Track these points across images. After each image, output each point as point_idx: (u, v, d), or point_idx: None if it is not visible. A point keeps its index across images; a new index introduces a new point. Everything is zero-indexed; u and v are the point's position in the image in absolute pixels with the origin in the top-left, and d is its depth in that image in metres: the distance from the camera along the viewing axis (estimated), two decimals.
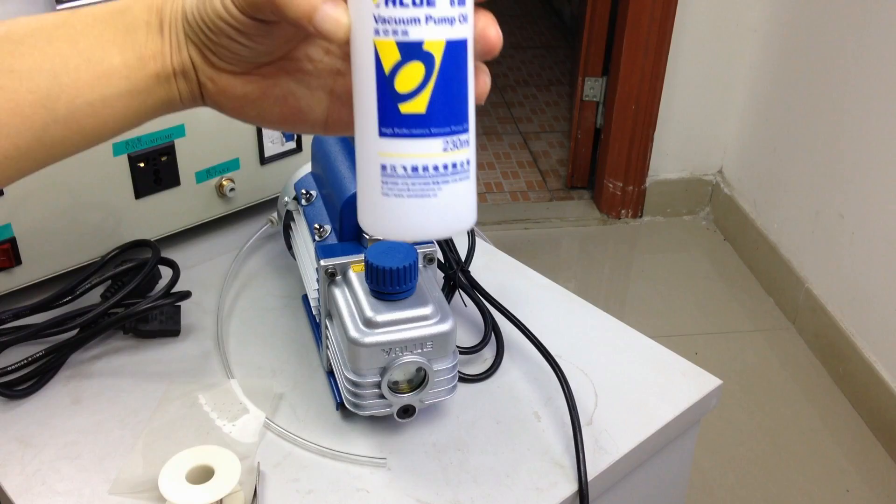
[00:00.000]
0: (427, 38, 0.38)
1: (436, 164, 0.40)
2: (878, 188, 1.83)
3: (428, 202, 0.40)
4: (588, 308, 0.85)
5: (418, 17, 0.38)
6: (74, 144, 0.46)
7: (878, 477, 1.75)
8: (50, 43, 0.45)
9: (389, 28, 0.38)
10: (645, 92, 2.33)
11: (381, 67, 0.39)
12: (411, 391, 0.67)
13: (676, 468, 0.81)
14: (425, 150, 0.39)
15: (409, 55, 0.38)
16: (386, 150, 0.40)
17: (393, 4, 0.38)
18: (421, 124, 0.39)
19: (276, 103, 0.48)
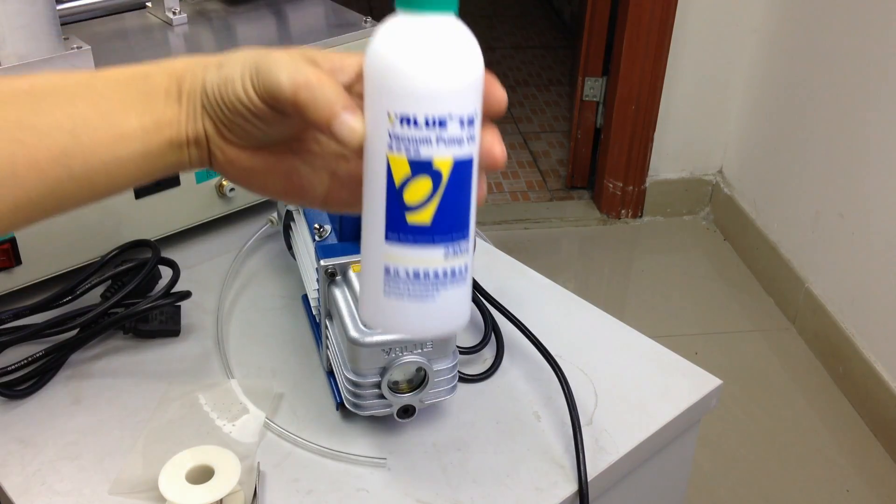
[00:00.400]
0: (436, 157, 0.41)
1: (436, 271, 0.43)
2: (878, 188, 1.83)
3: (427, 305, 0.43)
4: (588, 308, 0.85)
5: (430, 137, 0.41)
6: (84, 199, 0.48)
7: (878, 477, 1.75)
8: (72, 102, 0.46)
9: (402, 145, 0.41)
10: (645, 92, 2.33)
11: (392, 179, 0.42)
12: (411, 391, 0.67)
13: (676, 468, 0.81)
14: (427, 257, 0.42)
15: (419, 171, 0.41)
16: (390, 254, 0.42)
17: (407, 125, 0.41)
18: (425, 234, 0.42)
19: (281, 178, 0.49)
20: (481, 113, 0.43)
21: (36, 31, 0.80)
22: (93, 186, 0.47)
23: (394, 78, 0.41)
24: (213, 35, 0.94)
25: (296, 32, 0.95)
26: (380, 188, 0.42)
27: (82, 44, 0.83)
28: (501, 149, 0.45)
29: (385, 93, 0.41)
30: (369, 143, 0.42)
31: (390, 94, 0.41)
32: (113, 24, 0.95)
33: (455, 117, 0.41)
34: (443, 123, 0.41)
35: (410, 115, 0.41)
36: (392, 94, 0.41)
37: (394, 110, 0.41)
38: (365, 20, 0.96)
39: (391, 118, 0.41)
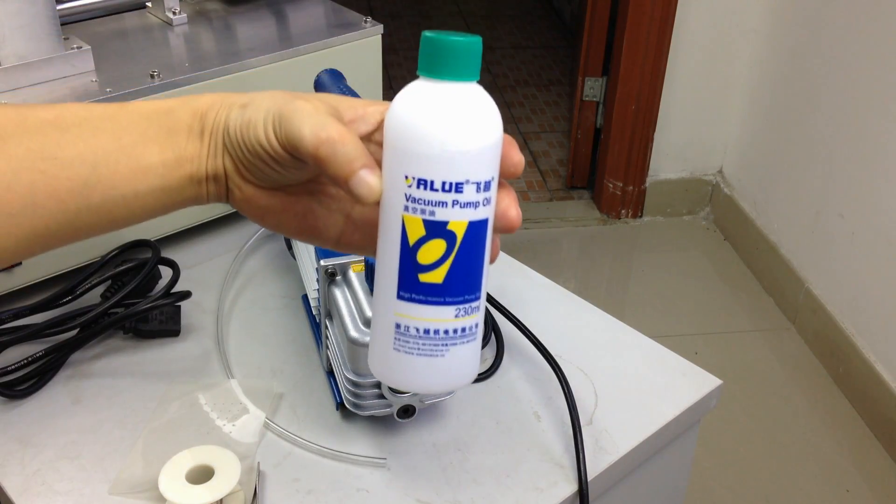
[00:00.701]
0: (451, 220, 0.42)
1: (447, 329, 0.43)
2: (878, 188, 1.83)
3: (436, 361, 0.44)
4: (588, 308, 0.85)
5: (446, 201, 0.42)
6: (101, 229, 0.48)
7: (878, 477, 1.75)
8: (95, 135, 0.47)
9: (418, 207, 0.42)
10: (645, 92, 2.33)
11: (406, 239, 0.42)
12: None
13: (676, 468, 0.81)
14: (438, 315, 0.43)
15: (434, 233, 0.42)
16: (402, 311, 0.43)
17: (424, 188, 0.41)
18: (437, 293, 0.43)
19: (296, 218, 0.50)
20: (498, 176, 0.44)
21: (36, 31, 0.80)
22: (112, 218, 0.48)
23: (413, 141, 0.42)
24: (213, 35, 0.94)
25: (296, 32, 0.95)
26: (394, 246, 0.43)
27: (82, 44, 0.83)
28: (517, 212, 0.46)
29: (403, 155, 0.42)
30: (386, 202, 0.43)
31: (408, 156, 0.42)
32: (113, 24, 0.96)
33: (472, 182, 0.42)
34: (459, 188, 0.42)
35: (427, 178, 0.42)
36: (410, 156, 0.42)
37: (411, 173, 0.42)
38: (365, 20, 0.96)
39: (409, 180, 0.42)
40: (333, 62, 0.88)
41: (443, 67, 0.42)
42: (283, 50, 0.89)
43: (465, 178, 0.42)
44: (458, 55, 0.42)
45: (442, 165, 0.41)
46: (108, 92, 0.80)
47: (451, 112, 0.42)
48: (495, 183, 0.43)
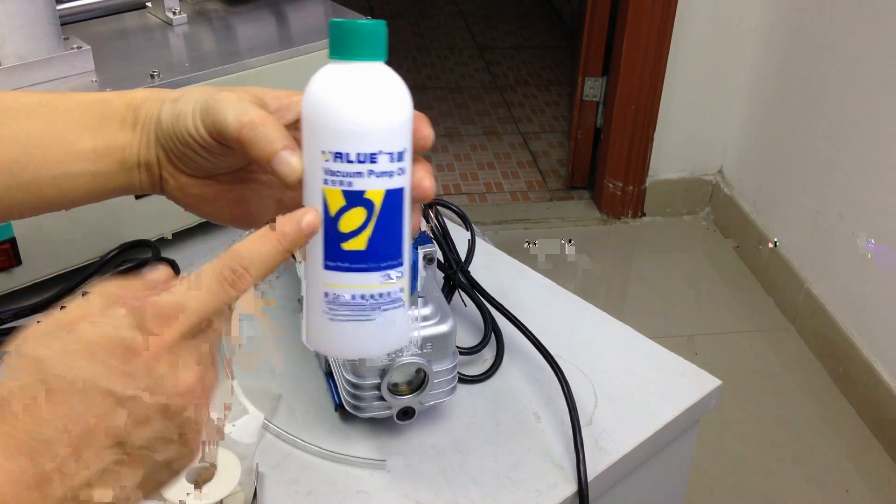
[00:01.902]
0: (369, 189, 0.45)
1: (373, 294, 0.46)
2: (878, 188, 1.83)
3: (366, 326, 0.46)
4: (588, 308, 0.85)
5: (362, 171, 0.45)
6: (33, 208, 0.51)
7: (878, 477, 1.75)
8: (29, 118, 0.50)
9: (336, 179, 0.45)
10: (645, 92, 2.33)
11: (328, 210, 0.45)
12: (411, 393, 0.67)
13: (676, 468, 0.81)
14: (365, 282, 0.46)
15: (353, 202, 0.45)
16: (330, 281, 0.46)
17: (340, 160, 0.44)
18: (361, 260, 0.45)
19: (229, 205, 0.52)
20: (411, 149, 0.46)
21: (36, 31, 0.80)
22: (41, 197, 0.50)
23: (327, 118, 0.45)
24: (213, 35, 0.94)
25: (296, 32, 0.95)
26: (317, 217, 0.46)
27: (82, 44, 0.83)
28: (430, 183, 0.48)
29: (320, 132, 0.45)
30: (307, 179, 0.46)
31: (324, 132, 0.45)
32: (113, 24, 0.95)
33: (385, 152, 0.45)
34: (373, 158, 0.45)
35: (343, 151, 0.44)
36: (326, 132, 0.45)
37: (328, 148, 0.45)
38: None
39: (326, 154, 0.45)
40: None
41: (351, 49, 0.46)
42: (283, 50, 0.89)
43: (379, 149, 0.44)
44: (363, 37, 0.46)
45: (355, 138, 0.44)
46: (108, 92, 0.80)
47: (361, 88, 0.45)
48: (409, 154, 0.46)
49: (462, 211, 0.85)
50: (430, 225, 0.80)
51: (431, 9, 3.89)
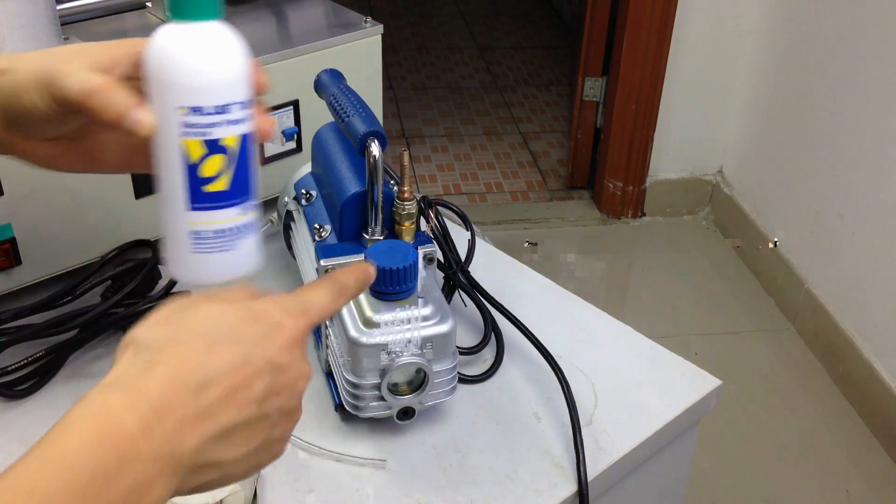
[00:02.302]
0: (225, 136, 0.50)
1: (233, 226, 0.52)
2: (878, 188, 1.83)
3: (229, 254, 0.52)
4: (588, 308, 0.85)
5: (218, 122, 0.50)
6: None
7: (878, 477, 1.75)
8: None
9: (194, 130, 0.49)
10: (645, 92, 2.33)
11: (188, 159, 0.50)
12: (411, 393, 0.67)
13: (676, 468, 0.81)
14: (227, 217, 0.52)
15: (213, 150, 0.50)
16: (195, 220, 0.51)
17: (198, 114, 0.49)
18: (223, 199, 0.51)
19: (79, 158, 0.57)
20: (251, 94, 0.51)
21: (36, 31, 0.80)
22: None
23: (182, 76, 0.49)
24: None
25: (296, 32, 0.95)
26: (177, 169, 0.50)
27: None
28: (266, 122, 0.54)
29: (175, 89, 0.49)
30: (162, 134, 0.50)
31: (180, 90, 0.49)
32: (113, 24, 0.95)
33: (236, 102, 0.50)
34: (227, 109, 0.50)
35: (200, 105, 0.49)
36: (181, 90, 0.49)
37: (185, 103, 0.49)
38: (365, 20, 0.96)
39: (183, 110, 0.49)
40: (333, 62, 0.88)
41: (192, 10, 0.50)
42: (283, 50, 0.89)
43: (231, 100, 0.50)
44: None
45: (210, 92, 0.49)
46: None
47: (209, 46, 0.50)
48: (252, 101, 0.51)
49: (462, 211, 0.85)
50: (430, 225, 0.80)
51: (431, 9, 3.89)
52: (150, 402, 0.41)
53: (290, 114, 0.92)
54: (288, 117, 0.92)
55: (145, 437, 0.40)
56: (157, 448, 0.40)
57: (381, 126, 0.68)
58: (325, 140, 0.78)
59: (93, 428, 0.39)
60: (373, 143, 0.67)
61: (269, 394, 0.45)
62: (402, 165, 0.68)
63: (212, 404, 0.42)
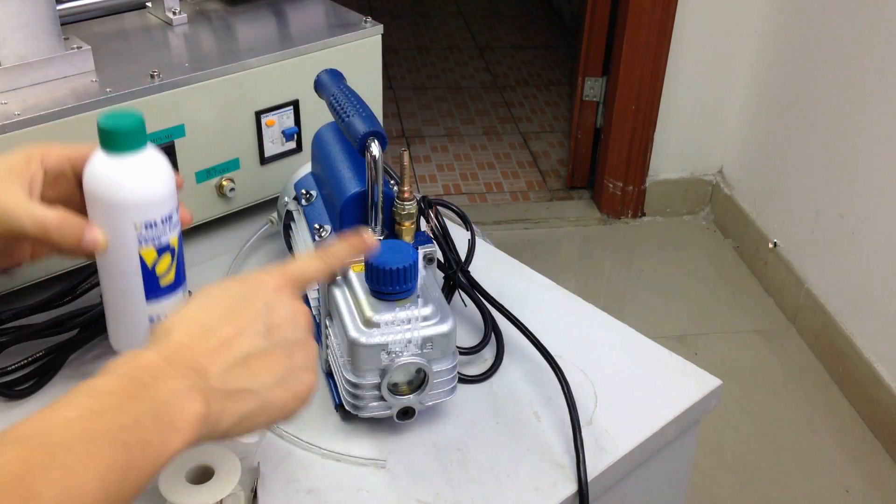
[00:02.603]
0: (170, 239, 0.63)
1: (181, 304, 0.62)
2: (878, 188, 1.83)
3: None
4: (588, 308, 0.85)
5: (165, 229, 0.62)
6: None
7: (878, 477, 1.75)
8: None
9: (149, 239, 0.62)
10: (645, 92, 2.33)
11: (145, 263, 0.62)
12: (411, 393, 0.67)
13: (676, 468, 0.81)
14: (175, 300, 0.65)
15: (163, 252, 0.63)
16: (154, 310, 0.63)
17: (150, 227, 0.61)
18: (173, 288, 0.64)
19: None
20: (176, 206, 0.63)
21: (36, 31, 0.80)
22: None
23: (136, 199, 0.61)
24: (213, 35, 0.94)
25: (296, 32, 0.95)
26: (134, 272, 0.62)
27: (82, 44, 0.83)
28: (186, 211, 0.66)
29: (131, 211, 0.61)
30: (117, 246, 0.61)
31: (136, 211, 0.61)
32: (113, 24, 0.95)
33: (174, 210, 0.62)
34: (170, 218, 0.62)
35: (151, 220, 0.61)
36: (137, 210, 0.61)
37: (139, 220, 0.61)
38: (365, 20, 0.96)
39: (138, 226, 0.61)
40: (333, 62, 0.88)
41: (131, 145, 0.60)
42: (283, 50, 0.89)
43: (172, 209, 0.62)
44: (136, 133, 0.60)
45: (158, 208, 0.61)
46: (108, 92, 0.80)
47: (153, 170, 0.61)
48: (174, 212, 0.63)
49: (462, 211, 0.85)
50: (430, 225, 0.80)
51: (431, 9, 3.89)
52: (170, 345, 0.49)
53: (290, 114, 0.92)
54: (288, 117, 0.92)
55: (170, 363, 0.47)
56: (182, 369, 0.47)
57: (381, 126, 0.69)
58: (325, 140, 0.78)
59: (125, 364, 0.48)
60: (373, 143, 0.67)
61: (271, 328, 0.52)
62: (402, 165, 0.68)
63: (222, 342, 0.50)
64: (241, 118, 0.89)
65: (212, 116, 0.87)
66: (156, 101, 0.82)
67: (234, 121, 0.88)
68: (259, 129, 0.90)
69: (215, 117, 0.87)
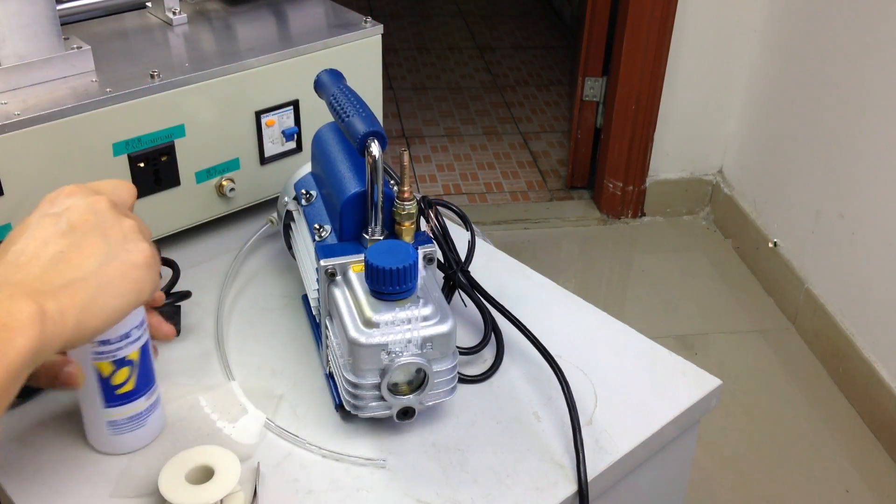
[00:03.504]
0: (129, 353, 0.63)
1: (141, 411, 0.66)
2: (878, 188, 1.83)
3: (140, 430, 0.67)
4: (588, 308, 0.85)
5: (122, 345, 0.63)
6: None
7: (878, 477, 1.75)
8: None
9: (105, 354, 0.62)
10: (645, 92, 2.33)
11: (101, 374, 0.63)
12: (411, 393, 0.67)
13: (676, 468, 0.81)
14: (136, 407, 0.66)
15: (119, 365, 0.63)
16: (111, 414, 0.65)
17: (105, 344, 0.62)
18: (132, 396, 0.65)
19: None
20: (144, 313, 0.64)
21: (36, 31, 0.80)
22: None
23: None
24: (213, 35, 0.94)
25: (296, 32, 0.95)
26: (91, 379, 0.63)
27: (82, 44, 0.83)
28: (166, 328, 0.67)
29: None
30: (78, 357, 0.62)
31: None
32: (113, 24, 0.95)
33: (134, 327, 0.63)
34: (128, 335, 0.63)
35: (104, 338, 0.62)
36: None
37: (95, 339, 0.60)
38: (365, 20, 0.96)
39: (94, 343, 0.62)
40: (333, 62, 0.88)
41: None
42: (283, 50, 0.89)
43: (130, 328, 0.63)
44: None
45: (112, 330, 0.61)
46: (108, 92, 0.80)
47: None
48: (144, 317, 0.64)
49: (462, 211, 0.85)
50: (430, 225, 0.80)
51: (431, 9, 3.90)
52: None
53: (290, 114, 0.92)
54: (288, 117, 0.92)
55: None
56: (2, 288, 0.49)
57: (381, 126, 0.68)
58: (325, 140, 0.78)
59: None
60: (373, 143, 0.67)
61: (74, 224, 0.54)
62: (402, 165, 0.68)
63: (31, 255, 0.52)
64: (241, 118, 0.89)
65: (212, 116, 0.87)
66: (156, 101, 0.82)
67: (234, 121, 0.88)
68: (259, 129, 0.90)
69: (215, 117, 0.87)
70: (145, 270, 0.55)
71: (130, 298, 0.54)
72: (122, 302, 0.53)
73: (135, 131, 0.82)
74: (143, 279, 0.55)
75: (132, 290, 0.54)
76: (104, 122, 0.80)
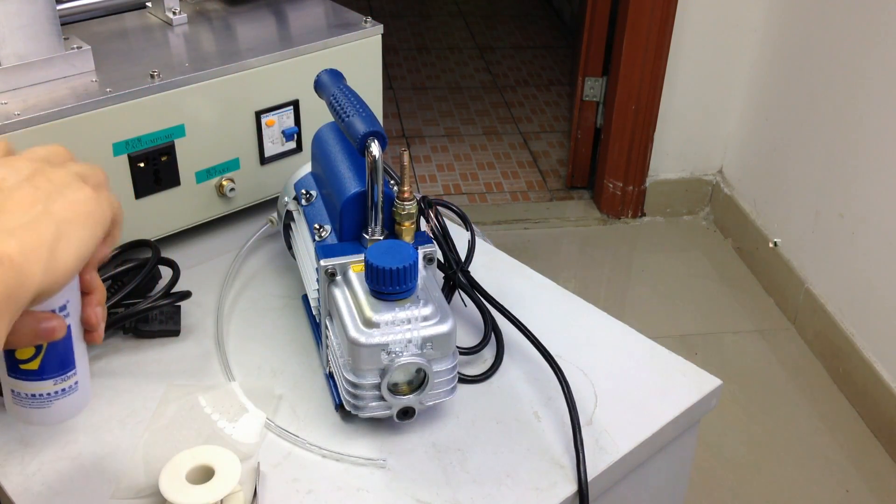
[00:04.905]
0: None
1: (48, 392, 0.60)
2: (878, 188, 1.83)
3: (44, 410, 0.61)
4: (588, 308, 0.85)
5: None
6: None
7: (878, 477, 1.75)
8: None
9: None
10: (645, 92, 2.33)
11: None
12: (411, 393, 0.67)
13: (676, 468, 0.81)
14: (40, 387, 0.61)
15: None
16: (13, 384, 0.61)
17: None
18: (35, 375, 0.60)
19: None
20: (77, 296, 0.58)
21: (36, 31, 0.80)
22: None
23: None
24: (213, 35, 0.94)
25: (296, 32, 0.95)
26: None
27: (82, 44, 0.83)
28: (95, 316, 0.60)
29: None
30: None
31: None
32: (113, 24, 0.96)
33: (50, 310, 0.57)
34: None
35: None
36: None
37: None
38: (365, 20, 0.96)
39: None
40: (333, 62, 0.88)
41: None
42: (283, 50, 0.89)
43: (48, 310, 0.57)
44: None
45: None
46: (108, 92, 0.80)
47: None
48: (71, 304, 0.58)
49: (462, 211, 0.85)
50: (430, 225, 0.80)
51: (431, 9, 3.90)
52: None
53: (290, 114, 0.92)
54: (288, 117, 0.92)
55: None
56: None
57: (381, 126, 0.69)
58: (325, 140, 0.78)
59: None
60: (373, 143, 0.67)
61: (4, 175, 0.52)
62: (402, 165, 0.68)
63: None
64: (241, 118, 0.89)
65: (212, 116, 0.87)
66: (156, 101, 0.82)
67: (234, 121, 0.88)
68: (259, 129, 0.90)
69: (215, 117, 0.87)
70: (95, 203, 0.53)
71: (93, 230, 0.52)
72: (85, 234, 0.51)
73: (135, 131, 0.82)
74: (94, 212, 0.52)
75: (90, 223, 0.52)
76: (104, 122, 0.80)
